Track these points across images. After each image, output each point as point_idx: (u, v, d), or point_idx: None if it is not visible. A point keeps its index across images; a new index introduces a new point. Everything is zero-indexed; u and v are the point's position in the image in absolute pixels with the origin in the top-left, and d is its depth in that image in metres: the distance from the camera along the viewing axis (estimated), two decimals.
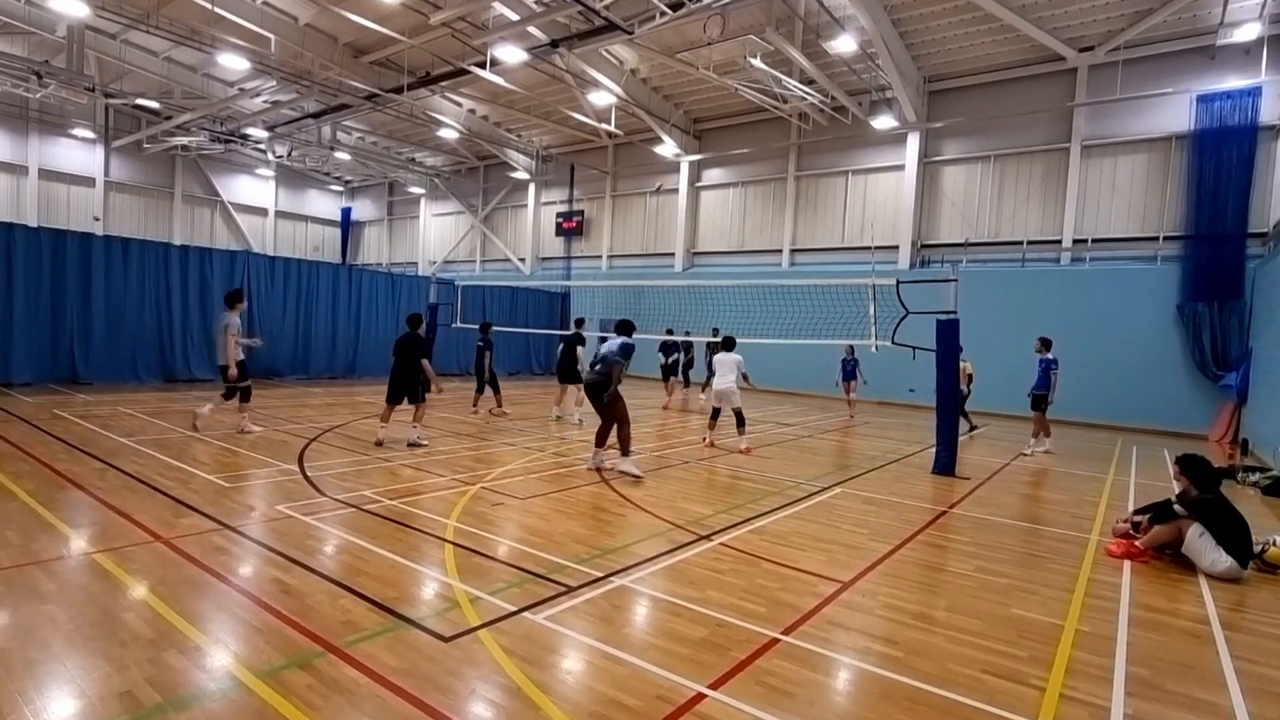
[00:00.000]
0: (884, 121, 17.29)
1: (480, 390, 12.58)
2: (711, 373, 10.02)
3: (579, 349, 12.03)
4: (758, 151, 21.42)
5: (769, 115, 20.05)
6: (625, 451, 7.49)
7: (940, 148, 18.51)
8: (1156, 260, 15.55)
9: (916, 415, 12.77)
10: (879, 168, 19.46)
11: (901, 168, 18.79)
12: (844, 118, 18.93)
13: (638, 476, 7.31)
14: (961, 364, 11.50)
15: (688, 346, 16.57)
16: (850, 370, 14.53)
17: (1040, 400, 10.66)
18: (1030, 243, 17.19)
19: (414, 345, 8.60)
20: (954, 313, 8.52)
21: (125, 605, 3.61)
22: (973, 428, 12.80)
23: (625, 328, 8.08)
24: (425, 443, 8.53)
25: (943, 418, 8.62)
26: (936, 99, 18.29)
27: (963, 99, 17.90)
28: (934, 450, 8.83)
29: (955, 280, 8.72)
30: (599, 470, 7.66)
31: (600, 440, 7.77)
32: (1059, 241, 16.73)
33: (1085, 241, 16.44)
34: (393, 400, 8.70)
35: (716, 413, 10.21)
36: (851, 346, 13.93)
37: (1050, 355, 10.60)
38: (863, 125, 18.34)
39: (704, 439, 10.12)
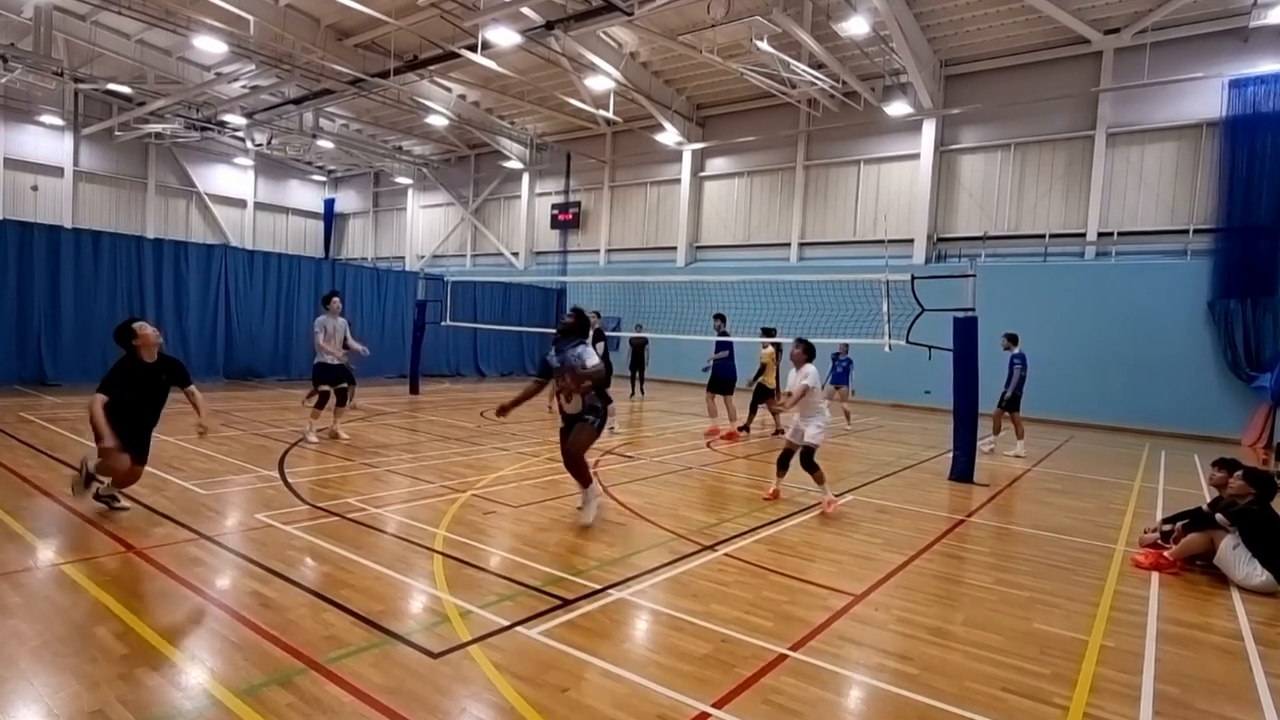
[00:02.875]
0: (898, 108, 17.28)
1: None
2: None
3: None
4: (764, 140, 21.41)
5: (776, 101, 20.04)
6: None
7: (957, 135, 18.51)
8: (1186, 254, 15.54)
9: (932, 418, 12.75)
10: (893, 157, 19.45)
11: (916, 157, 18.78)
12: (856, 104, 18.92)
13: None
14: (761, 349, 11.47)
15: None
16: (843, 373, 12.71)
17: (1013, 400, 10.84)
18: (1053, 236, 17.19)
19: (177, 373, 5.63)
20: (972, 310, 8.52)
21: (96, 619, 3.60)
22: (744, 427, 11.37)
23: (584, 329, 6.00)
24: (128, 506, 5.58)
25: (960, 421, 8.61)
26: (954, 84, 18.27)
27: (981, 84, 17.88)
28: (951, 455, 8.83)
29: (973, 275, 8.71)
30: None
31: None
32: (1083, 235, 16.72)
33: (1111, 235, 16.43)
34: (139, 452, 5.49)
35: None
36: (845, 345, 12.44)
37: (1018, 350, 10.82)
38: (875, 112, 18.32)
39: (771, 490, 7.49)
